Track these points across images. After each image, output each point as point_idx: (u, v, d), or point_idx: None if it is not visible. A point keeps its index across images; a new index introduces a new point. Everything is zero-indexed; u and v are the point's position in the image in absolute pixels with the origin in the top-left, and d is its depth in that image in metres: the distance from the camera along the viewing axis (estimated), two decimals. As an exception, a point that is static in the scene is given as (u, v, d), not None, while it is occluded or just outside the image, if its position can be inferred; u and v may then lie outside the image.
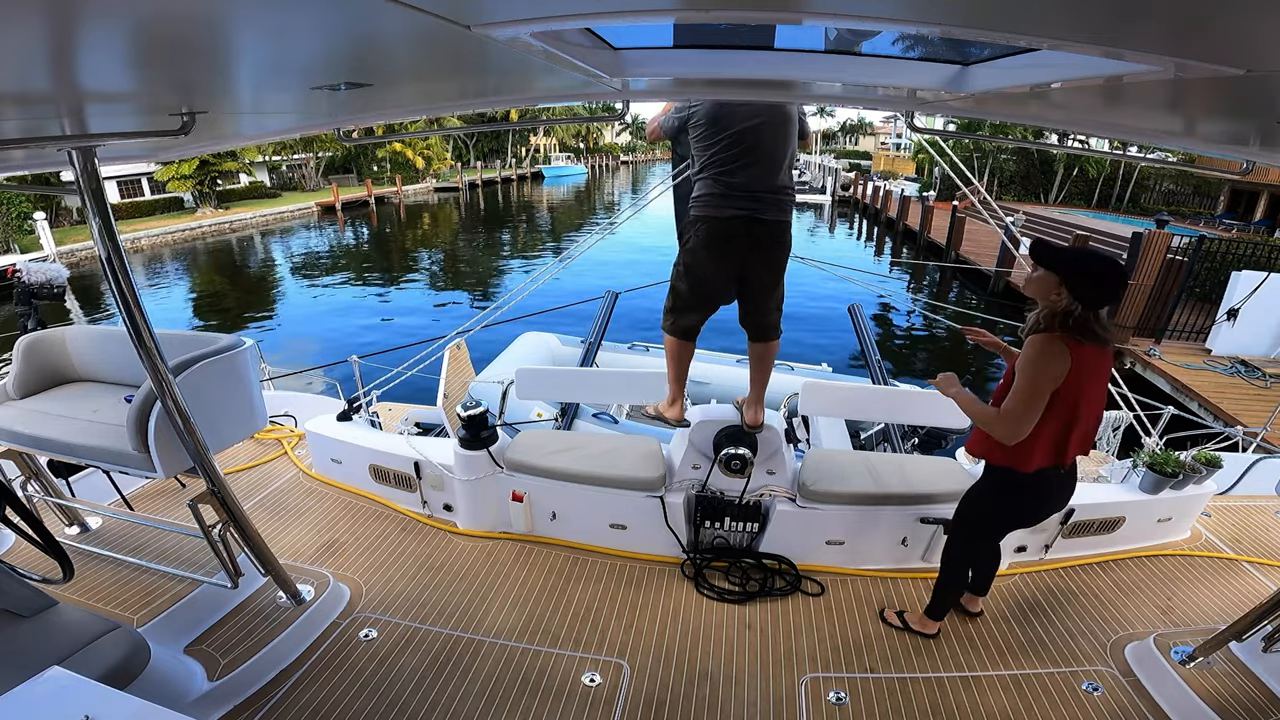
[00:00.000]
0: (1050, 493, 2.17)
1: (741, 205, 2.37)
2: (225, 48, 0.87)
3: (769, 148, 2.37)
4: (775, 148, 2.38)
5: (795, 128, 2.43)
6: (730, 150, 2.35)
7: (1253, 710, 2.09)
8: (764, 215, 2.38)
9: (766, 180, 2.38)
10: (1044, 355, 1.85)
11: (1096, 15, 0.70)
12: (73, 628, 1.74)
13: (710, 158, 2.39)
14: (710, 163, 2.39)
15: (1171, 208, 26.13)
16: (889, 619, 2.62)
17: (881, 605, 2.70)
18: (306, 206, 31.77)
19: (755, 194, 2.37)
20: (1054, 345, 1.84)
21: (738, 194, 2.37)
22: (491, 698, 2.20)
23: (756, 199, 2.37)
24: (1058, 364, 1.84)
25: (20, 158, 1.86)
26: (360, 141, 2.35)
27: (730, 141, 2.35)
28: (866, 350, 5.99)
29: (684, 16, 1.05)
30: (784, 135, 2.40)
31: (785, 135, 2.40)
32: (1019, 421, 1.88)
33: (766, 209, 2.39)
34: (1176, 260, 9.57)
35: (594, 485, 2.93)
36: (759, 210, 2.37)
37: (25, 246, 19.16)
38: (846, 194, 36.77)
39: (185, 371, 2.11)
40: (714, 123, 2.37)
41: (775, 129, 2.37)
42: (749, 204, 2.37)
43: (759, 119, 2.33)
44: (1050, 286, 1.89)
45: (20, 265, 3.44)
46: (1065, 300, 1.86)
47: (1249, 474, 3.86)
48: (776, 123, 2.37)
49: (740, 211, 2.37)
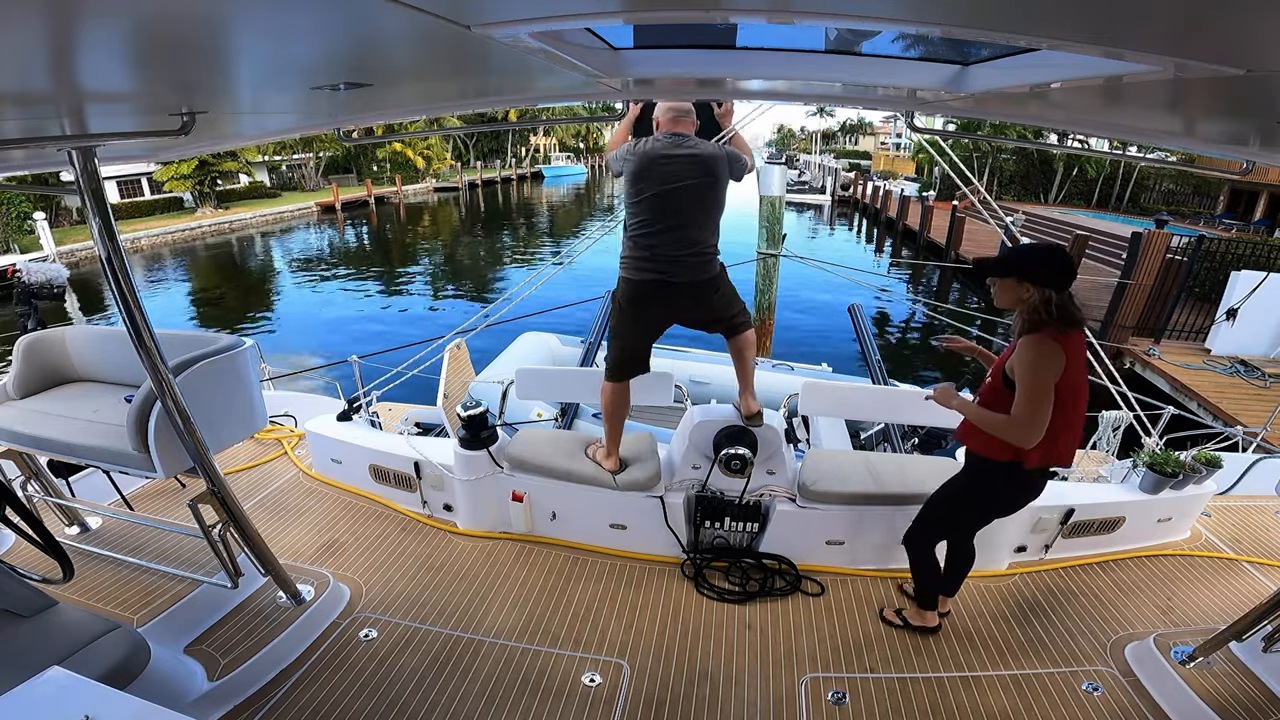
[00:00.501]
0: (1035, 490, 2.18)
1: (657, 269, 2.45)
2: (225, 48, 0.87)
3: (689, 211, 2.42)
4: (695, 210, 2.43)
5: (723, 184, 2.47)
6: (648, 213, 2.41)
7: (1253, 710, 2.09)
8: (676, 279, 2.46)
9: (683, 242, 2.44)
10: (1041, 355, 1.87)
11: (1096, 15, 0.70)
12: (73, 628, 1.74)
13: (631, 217, 2.46)
14: (633, 224, 2.46)
15: (1171, 207, 26.13)
16: (889, 618, 2.62)
17: (881, 605, 2.70)
18: (306, 206, 31.76)
19: (671, 258, 2.44)
20: (1047, 343, 1.87)
21: (653, 258, 2.44)
22: (491, 698, 2.20)
23: (673, 262, 2.44)
24: (1055, 360, 1.87)
25: (20, 158, 1.86)
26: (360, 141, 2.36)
27: (648, 204, 2.40)
28: (866, 350, 5.99)
29: (684, 17, 1.05)
30: (709, 198, 2.45)
31: (710, 198, 2.45)
32: (1031, 424, 1.89)
33: (681, 272, 2.46)
34: (1176, 260, 9.56)
35: (594, 485, 2.93)
36: (672, 274, 2.45)
37: (25, 246, 19.16)
38: (846, 194, 36.78)
39: (185, 371, 2.11)
40: (637, 179, 2.42)
41: (697, 192, 2.41)
42: (664, 267, 2.45)
43: (680, 182, 2.38)
44: (1014, 290, 1.95)
45: (20, 265, 3.45)
46: (1036, 294, 1.89)
47: (1249, 474, 3.86)
48: (700, 186, 2.41)
49: (655, 276, 2.46)
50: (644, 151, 2.39)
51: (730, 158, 2.46)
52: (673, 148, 2.38)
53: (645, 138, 2.46)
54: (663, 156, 2.37)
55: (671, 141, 2.39)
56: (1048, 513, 2.90)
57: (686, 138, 2.40)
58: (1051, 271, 1.89)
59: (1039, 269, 1.90)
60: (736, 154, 2.51)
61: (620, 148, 2.52)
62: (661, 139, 2.41)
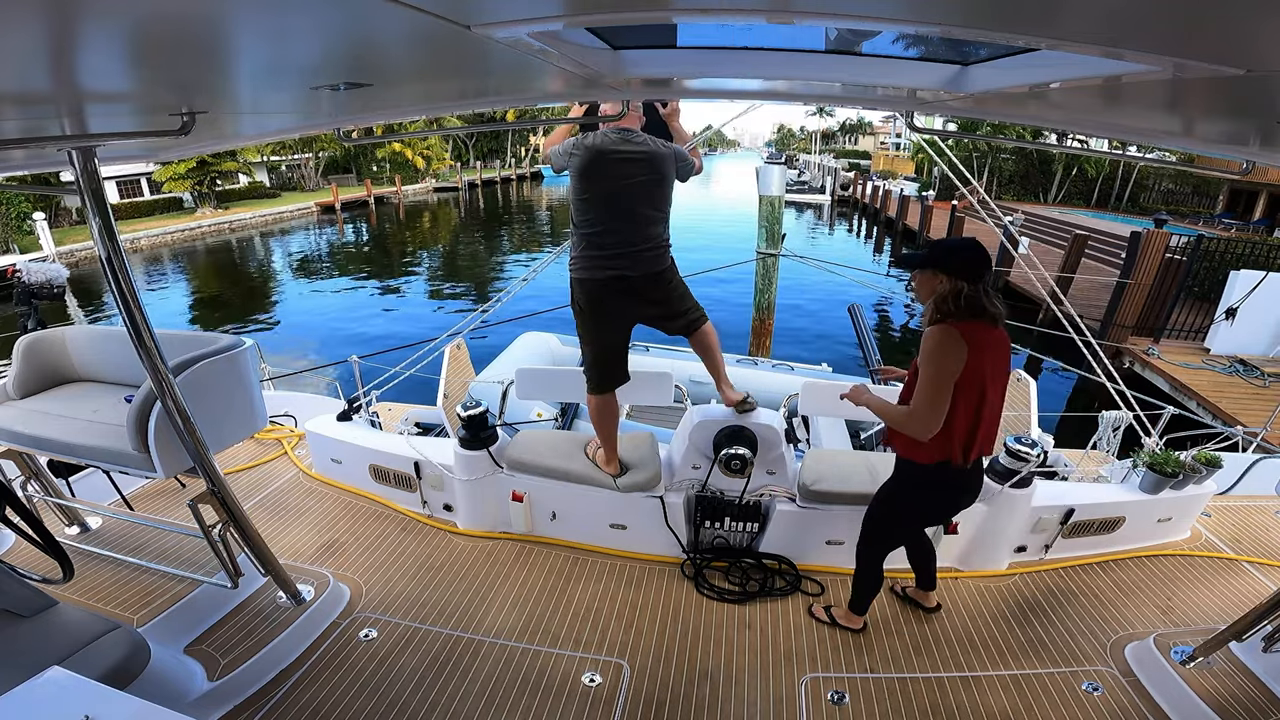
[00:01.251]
0: (953, 487, 2.14)
1: (615, 265, 2.45)
2: (225, 48, 0.87)
3: (642, 207, 2.43)
4: (648, 206, 2.45)
5: (670, 180, 2.49)
6: (601, 210, 2.42)
7: (1253, 710, 2.09)
8: (633, 273, 2.47)
9: (638, 237, 2.45)
10: (940, 345, 1.86)
11: (1096, 15, 0.70)
12: (73, 628, 1.74)
13: (583, 216, 2.45)
14: (582, 222, 2.46)
15: (1170, 207, 26.15)
16: (817, 614, 2.61)
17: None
18: (306, 206, 31.75)
19: (625, 252, 2.45)
20: (949, 334, 1.86)
21: (609, 254, 2.44)
22: (491, 698, 2.20)
23: (629, 257, 2.45)
24: (955, 351, 1.85)
25: (20, 158, 1.85)
26: (360, 141, 2.36)
27: (601, 201, 2.41)
28: (866, 350, 5.99)
29: (684, 17, 1.05)
30: (657, 195, 2.46)
31: (659, 195, 2.47)
32: (927, 417, 1.88)
33: (637, 265, 2.47)
34: (1175, 259, 9.57)
35: (594, 485, 2.93)
36: (630, 268, 2.46)
37: (25, 247, 19.15)
38: (846, 194, 36.79)
39: (185, 371, 2.11)
40: (586, 175, 2.40)
41: (647, 189, 2.43)
42: (622, 263, 2.45)
43: (632, 179, 2.38)
44: (929, 281, 1.96)
45: (20, 265, 3.44)
46: (948, 283, 1.89)
47: (1249, 474, 3.86)
48: (649, 183, 2.42)
49: (614, 273, 2.46)
50: (592, 146, 2.35)
51: (678, 156, 2.48)
52: (622, 143, 2.36)
53: (592, 133, 2.42)
54: (613, 152, 2.35)
55: (620, 137, 2.37)
56: (1048, 513, 2.90)
57: (635, 133, 2.39)
58: (963, 262, 1.88)
59: (951, 260, 1.90)
60: (684, 153, 2.52)
61: (564, 143, 2.47)
62: (610, 134, 2.38)
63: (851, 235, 29.20)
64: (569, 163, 2.43)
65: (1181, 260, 9.55)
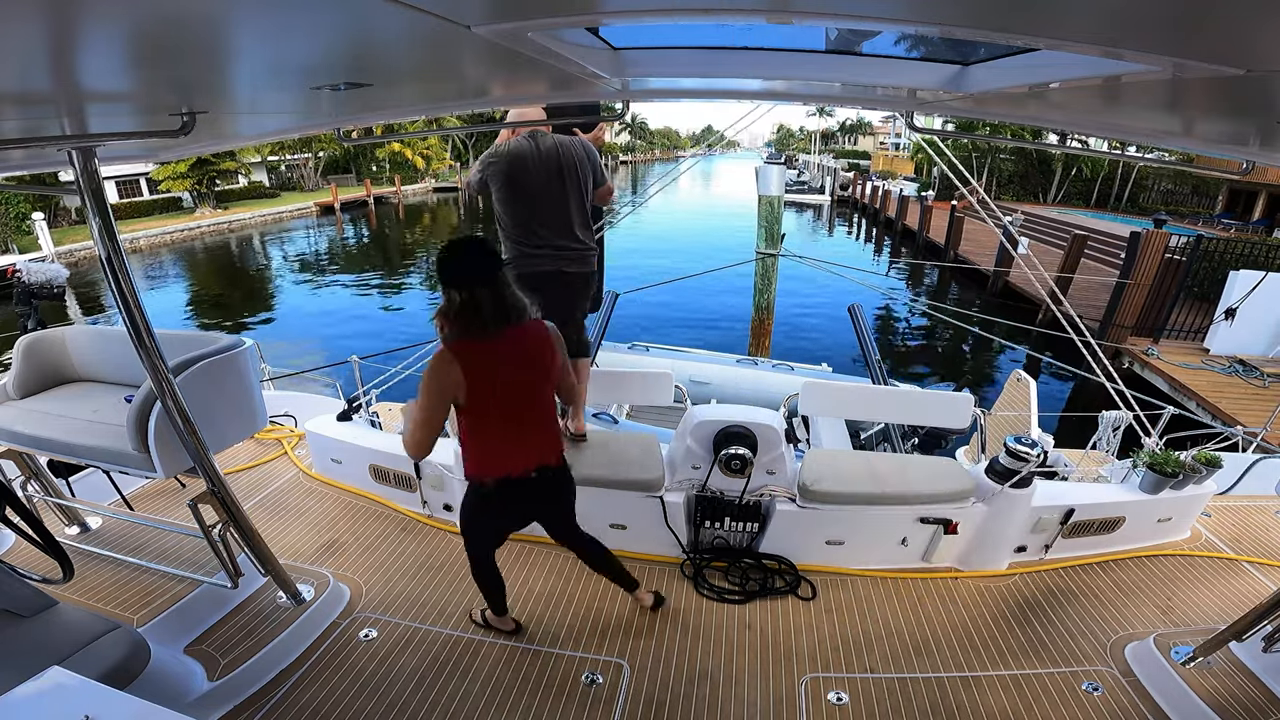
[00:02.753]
0: (508, 500, 1.99)
1: (549, 260, 2.56)
2: (226, 48, 0.87)
3: (566, 206, 2.53)
4: (571, 206, 2.54)
5: (589, 183, 2.58)
6: (532, 209, 2.52)
7: (1253, 710, 2.09)
8: (570, 269, 2.57)
9: (566, 236, 2.56)
10: (430, 370, 1.73)
11: (1096, 15, 0.70)
12: (73, 628, 1.74)
13: (511, 217, 2.54)
14: (515, 223, 2.54)
15: (1170, 207, 26.15)
16: (474, 618, 2.53)
17: (875, 605, 2.69)
18: (305, 206, 31.76)
19: (559, 249, 2.56)
20: (440, 358, 1.72)
21: (545, 249, 2.55)
22: (491, 698, 2.20)
23: (561, 254, 2.56)
24: (440, 374, 1.72)
25: (20, 158, 1.86)
26: (360, 141, 2.36)
27: (526, 202, 2.52)
28: (866, 350, 6.00)
29: (684, 16, 1.05)
30: (577, 191, 2.55)
31: (579, 194, 2.56)
32: (413, 436, 1.78)
33: (571, 263, 2.58)
34: (1175, 260, 9.58)
35: (593, 485, 2.93)
36: (566, 264, 2.56)
37: (24, 247, 19.15)
38: (845, 194, 36.80)
39: (185, 371, 2.11)
40: (512, 184, 2.49)
41: (570, 188, 2.53)
42: (555, 259, 2.56)
43: (555, 180, 2.49)
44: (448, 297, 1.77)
45: (20, 265, 3.44)
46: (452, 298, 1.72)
47: (1249, 474, 3.86)
48: (571, 182, 2.53)
49: (552, 266, 2.56)
50: (509, 152, 2.43)
51: (589, 154, 2.56)
52: (536, 145, 2.46)
53: (505, 142, 2.53)
54: (532, 152, 2.43)
55: (530, 140, 2.48)
56: (1048, 513, 2.90)
57: (545, 135, 2.49)
58: (447, 270, 1.71)
59: (441, 270, 1.72)
60: (594, 152, 2.60)
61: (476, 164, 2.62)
62: (523, 139, 2.49)
63: (851, 235, 29.22)
64: (489, 171, 2.51)
65: (1181, 260, 9.56)
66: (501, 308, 1.74)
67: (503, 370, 1.78)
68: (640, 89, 1.67)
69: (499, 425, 1.85)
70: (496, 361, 1.76)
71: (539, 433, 1.93)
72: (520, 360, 1.81)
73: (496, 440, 1.87)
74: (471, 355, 1.73)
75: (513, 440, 1.89)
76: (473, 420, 1.83)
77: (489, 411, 1.81)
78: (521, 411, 1.85)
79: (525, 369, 1.83)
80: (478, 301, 1.70)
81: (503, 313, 1.74)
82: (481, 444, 1.88)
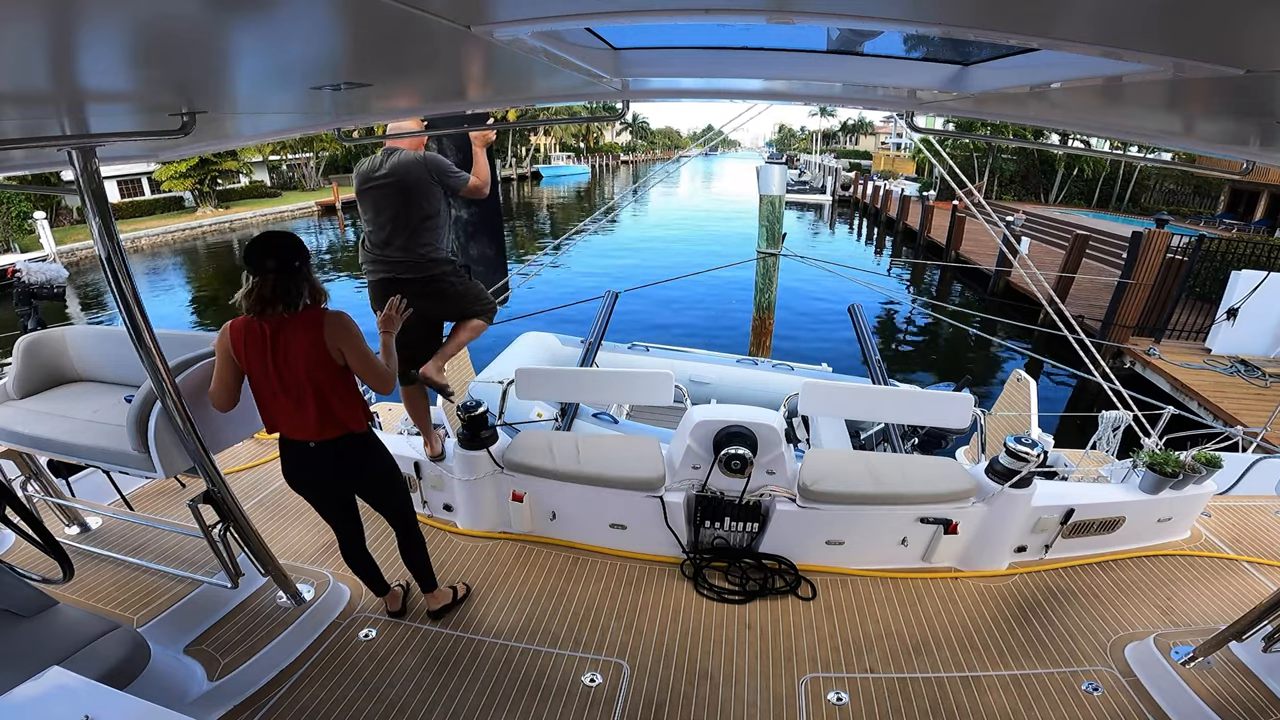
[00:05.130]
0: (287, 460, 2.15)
1: (384, 269, 2.61)
2: (226, 48, 0.87)
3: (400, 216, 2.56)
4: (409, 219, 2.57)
5: (423, 190, 2.59)
6: (371, 222, 2.61)
7: (1253, 710, 2.09)
8: (403, 275, 2.61)
9: (397, 248, 2.59)
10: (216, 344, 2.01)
11: (1096, 15, 0.70)
12: (73, 628, 1.74)
13: (366, 225, 2.64)
14: (365, 232, 2.66)
15: (1171, 207, 26.13)
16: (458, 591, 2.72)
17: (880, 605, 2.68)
18: (306, 206, 31.77)
19: (396, 260, 2.60)
20: (219, 334, 1.99)
21: (380, 259, 2.62)
22: (491, 698, 2.20)
23: (393, 263, 2.61)
24: (219, 342, 1.99)
25: (20, 158, 1.85)
26: (360, 141, 2.37)
27: (370, 216, 2.60)
28: (866, 350, 5.99)
29: (684, 16, 1.05)
30: (410, 202, 2.57)
31: (408, 203, 2.57)
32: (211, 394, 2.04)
33: (406, 271, 2.61)
34: (1176, 260, 9.58)
35: (594, 485, 2.93)
36: (399, 272, 2.61)
37: (25, 246, 19.16)
38: (846, 194, 36.78)
39: (185, 371, 2.11)
40: (358, 194, 2.62)
41: (411, 202, 2.56)
42: (391, 267, 2.61)
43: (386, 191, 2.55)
44: None
45: (20, 265, 3.44)
46: None
47: (1249, 474, 3.86)
48: (413, 196, 2.56)
49: (385, 274, 2.61)
50: (361, 172, 2.61)
51: (429, 163, 2.57)
52: (381, 163, 2.56)
53: (362, 160, 2.67)
54: (374, 171, 2.56)
55: (381, 157, 2.58)
56: (1048, 513, 2.90)
57: (396, 151, 2.57)
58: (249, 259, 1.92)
59: None
60: (437, 161, 2.61)
61: None
62: (377, 157, 2.60)
63: (852, 235, 29.20)
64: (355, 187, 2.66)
65: (1182, 260, 9.55)
66: (275, 296, 1.90)
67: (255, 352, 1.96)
68: (640, 89, 1.67)
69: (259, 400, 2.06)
70: (249, 342, 1.96)
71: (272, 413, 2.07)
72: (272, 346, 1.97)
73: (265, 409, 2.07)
74: (235, 333, 1.96)
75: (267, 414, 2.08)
76: (253, 388, 2.04)
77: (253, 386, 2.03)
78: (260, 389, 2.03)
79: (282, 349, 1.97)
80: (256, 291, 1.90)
81: (274, 300, 1.91)
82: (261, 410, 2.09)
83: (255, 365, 1.97)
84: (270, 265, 1.88)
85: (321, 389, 1.99)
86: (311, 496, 2.26)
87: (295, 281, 1.92)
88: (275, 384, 1.98)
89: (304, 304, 1.95)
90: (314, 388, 1.98)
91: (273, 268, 1.88)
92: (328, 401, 2.01)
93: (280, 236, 1.93)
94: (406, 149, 2.59)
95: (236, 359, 1.98)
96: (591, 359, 6.22)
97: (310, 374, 1.97)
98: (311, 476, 2.18)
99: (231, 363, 1.99)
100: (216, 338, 2.01)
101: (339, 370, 2.01)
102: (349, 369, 2.02)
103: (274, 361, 1.95)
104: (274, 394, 2.00)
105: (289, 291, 1.91)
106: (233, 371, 2.01)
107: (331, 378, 2.00)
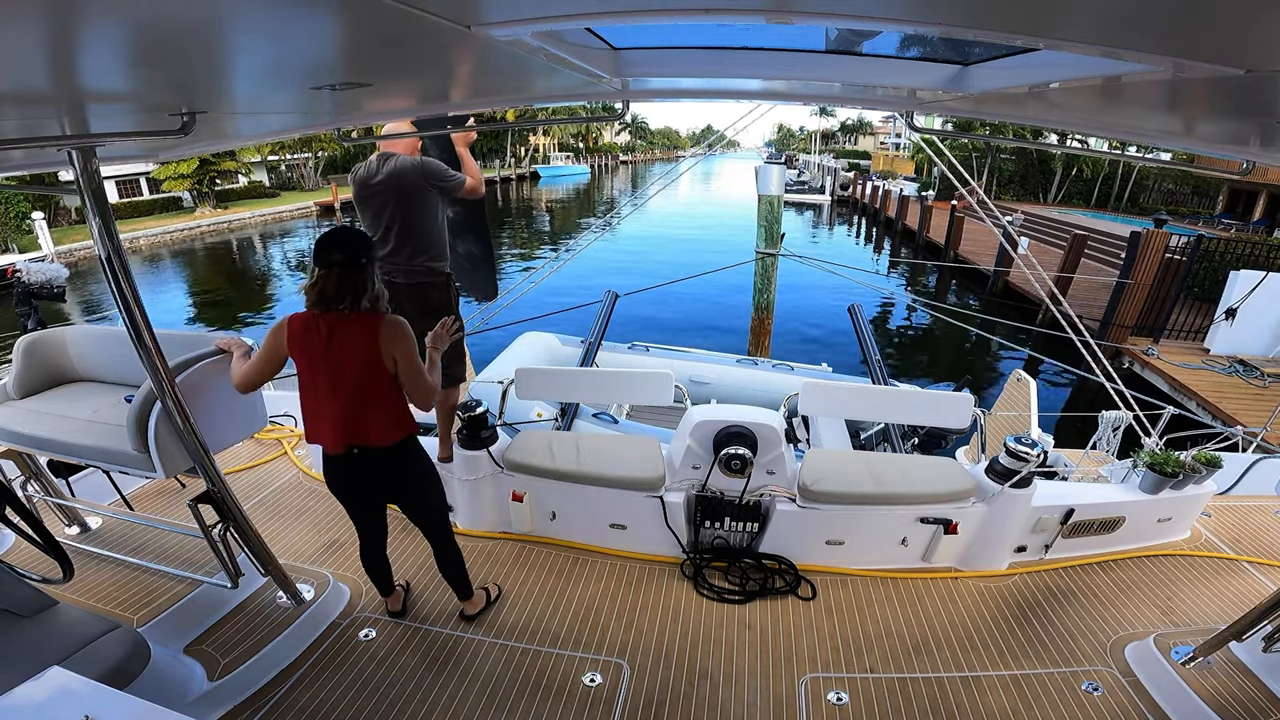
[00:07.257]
0: (328, 473, 2.13)
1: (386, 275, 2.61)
2: (226, 48, 0.87)
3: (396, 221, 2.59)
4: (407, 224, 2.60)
5: (419, 194, 2.60)
6: (368, 221, 2.65)
7: (1253, 710, 2.09)
8: (397, 280, 2.65)
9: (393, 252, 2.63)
10: (271, 329, 1.96)
11: (1096, 15, 0.70)
12: (73, 628, 1.74)
13: (365, 228, 2.67)
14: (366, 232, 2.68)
15: (1170, 207, 26.14)
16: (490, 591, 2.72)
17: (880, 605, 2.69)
18: (305, 206, 31.76)
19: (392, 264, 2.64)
20: (277, 324, 1.95)
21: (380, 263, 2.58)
22: (491, 698, 2.20)
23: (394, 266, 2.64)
24: (271, 335, 1.95)
25: (20, 158, 1.85)
26: (360, 141, 2.38)
27: (367, 212, 2.64)
28: (866, 350, 5.99)
29: (684, 17, 1.05)
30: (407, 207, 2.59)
31: (404, 208, 2.59)
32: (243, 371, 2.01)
33: (400, 275, 2.66)
34: (1175, 260, 9.59)
35: (594, 485, 2.93)
36: (393, 276, 2.65)
37: (24, 246, 19.14)
38: (845, 194, 36.81)
39: (185, 371, 2.10)
40: (356, 201, 2.66)
41: (409, 207, 2.58)
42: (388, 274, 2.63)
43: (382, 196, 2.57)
44: None
45: (20, 265, 3.43)
46: None
47: (1249, 474, 3.86)
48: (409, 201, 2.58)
49: (387, 279, 2.60)
50: (358, 179, 2.62)
51: (425, 168, 2.58)
52: (378, 169, 2.57)
53: (358, 165, 2.68)
54: (371, 177, 2.58)
55: (377, 163, 2.59)
56: (1048, 513, 2.90)
57: (391, 157, 2.57)
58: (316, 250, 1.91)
59: None
60: (434, 166, 2.61)
61: None
62: (372, 162, 2.61)
63: (851, 235, 29.20)
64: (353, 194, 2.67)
65: (1181, 260, 9.57)
66: (339, 290, 1.87)
67: (303, 348, 1.92)
68: (640, 89, 1.67)
69: (307, 401, 2.00)
70: (311, 339, 1.90)
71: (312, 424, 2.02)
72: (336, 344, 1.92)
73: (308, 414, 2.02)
74: (295, 328, 1.91)
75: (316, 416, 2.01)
76: (300, 388, 1.99)
77: (302, 385, 1.98)
78: (316, 394, 1.97)
79: (336, 349, 1.92)
80: (330, 281, 1.86)
81: (337, 295, 1.87)
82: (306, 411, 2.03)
83: (307, 362, 1.92)
84: (337, 259, 1.85)
85: (370, 394, 1.95)
86: (348, 501, 2.23)
87: (360, 278, 1.88)
88: (324, 384, 1.93)
89: (365, 305, 1.91)
90: (363, 392, 1.94)
91: (339, 260, 1.85)
92: (375, 407, 1.97)
93: (350, 232, 1.90)
94: (402, 154, 2.58)
95: (290, 351, 1.93)
96: (591, 359, 6.22)
97: (362, 377, 1.92)
98: (353, 483, 2.13)
99: (278, 353, 1.94)
100: (271, 332, 1.96)
101: (390, 378, 1.96)
102: (398, 378, 1.97)
103: (327, 360, 1.90)
104: (321, 396, 1.95)
105: (353, 287, 1.87)
106: (273, 363, 1.96)
107: (382, 384, 1.95)
